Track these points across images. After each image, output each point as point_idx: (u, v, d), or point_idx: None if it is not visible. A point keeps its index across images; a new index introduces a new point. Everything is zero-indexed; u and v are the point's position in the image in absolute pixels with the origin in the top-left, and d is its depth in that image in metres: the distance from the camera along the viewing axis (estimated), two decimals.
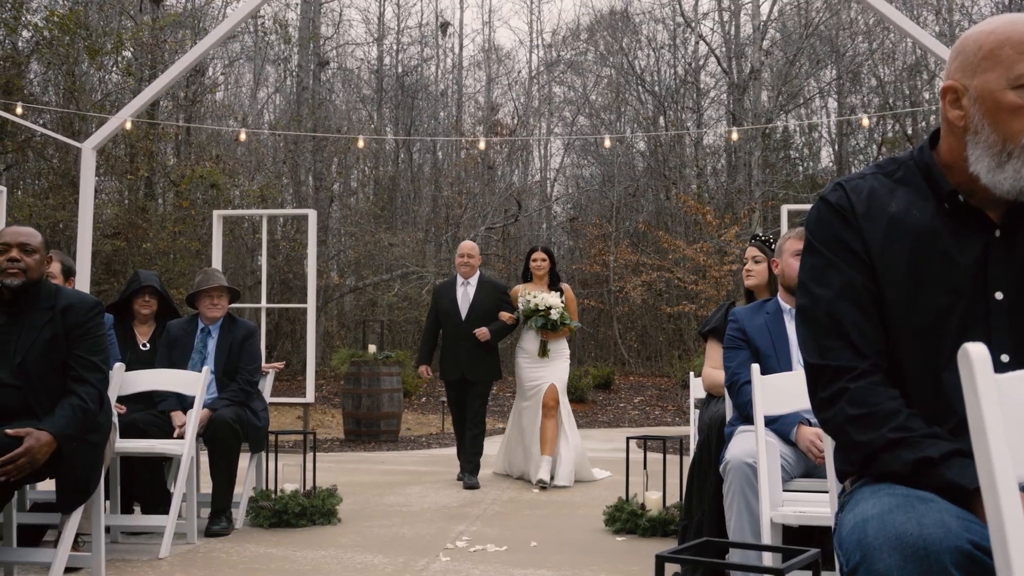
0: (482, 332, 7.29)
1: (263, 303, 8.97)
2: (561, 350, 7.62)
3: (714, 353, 4.42)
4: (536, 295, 7.40)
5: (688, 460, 4.45)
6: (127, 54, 18.91)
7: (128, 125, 8.78)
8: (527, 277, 7.74)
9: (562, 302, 7.45)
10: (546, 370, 7.48)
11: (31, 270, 3.79)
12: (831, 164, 24.28)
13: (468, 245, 7.70)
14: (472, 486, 7.16)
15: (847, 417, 1.72)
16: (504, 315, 7.43)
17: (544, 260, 7.60)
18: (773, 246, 4.34)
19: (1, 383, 3.65)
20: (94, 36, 17.56)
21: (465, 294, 7.50)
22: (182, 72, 8.73)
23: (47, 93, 18.95)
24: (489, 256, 20.71)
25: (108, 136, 8.75)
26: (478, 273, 7.61)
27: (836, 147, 23.92)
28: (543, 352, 7.48)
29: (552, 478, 7.24)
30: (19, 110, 9.21)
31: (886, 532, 1.49)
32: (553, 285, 7.59)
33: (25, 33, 17.25)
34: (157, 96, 9.09)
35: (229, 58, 22.83)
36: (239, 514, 5.49)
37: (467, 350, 7.33)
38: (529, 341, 7.58)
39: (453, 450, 8.36)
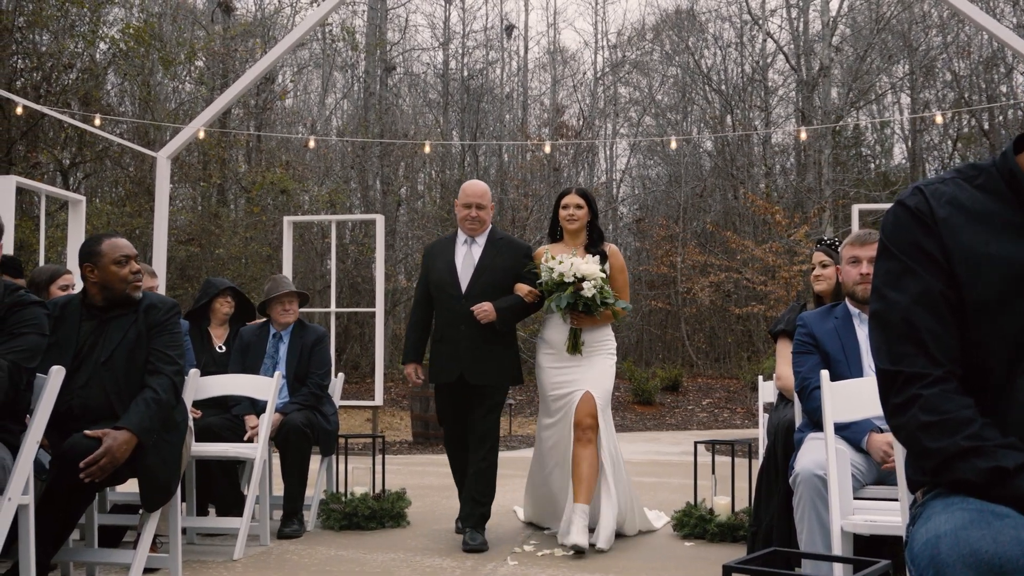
0: (483, 309, 4.97)
1: (332, 307, 9.09)
2: (601, 343, 5.18)
3: (786, 352, 4.35)
4: (563, 259, 4.98)
5: (757, 464, 4.40)
6: (199, 64, 19.36)
7: (201, 134, 8.99)
8: (556, 234, 5.38)
9: (604, 271, 5.06)
10: (578, 373, 5.09)
11: (144, 278, 3.97)
12: (904, 161, 23.80)
13: (476, 188, 5.28)
14: (477, 548, 4.86)
15: (920, 424, 1.69)
16: (522, 288, 5.12)
17: (580, 207, 5.21)
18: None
19: (86, 383, 3.77)
20: (168, 47, 18.00)
21: (468, 256, 5.21)
22: (253, 81, 8.92)
23: (123, 103, 19.49)
24: None
25: (182, 145, 8.97)
26: (489, 227, 5.32)
27: (909, 144, 23.43)
28: (574, 347, 5.07)
29: (591, 539, 4.88)
30: (97, 121, 9.49)
31: (960, 549, 1.46)
32: (593, 246, 5.22)
33: (102, 45, 17.77)
34: (229, 105, 9.29)
35: (298, 65, 23.22)
36: (310, 516, 5.58)
37: (468, 339, 5.05)
38: (553, 330, 5.17)
39: (521, 452, 6.52)
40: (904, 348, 1.74)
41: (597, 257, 5.08)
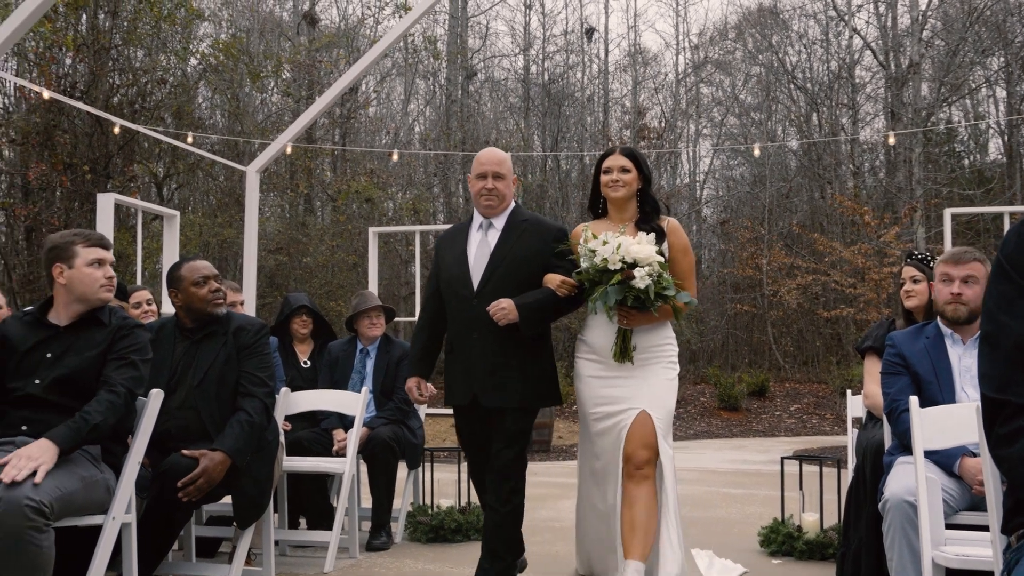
0: (500, 307, 3.87)
1: (417, 316, 9.23)
2: (659, 348, 4.01)
3: (874, 369, 4.27)
4: (609, 238, 3.80)
5: (846, 475, 4.32)
6: (286, 75, 19.82)
7: (288, 149, 9.21)
8: (599, 209, 4.22)
9: (663, 254, 3.88)
10: (630, 387, 3.93)
11: (226, 297, 4.15)
12: (1000, 156, 23.01)
13: (493, 156, 4.15)
14: None
15: None
16: (553, 279, 3.95)
17: (627, 171, 4.03)
18: (932, 264, 4.18)
19: (181, 405, 3.93)
20: (255, 60, 18.46)
21: (483, 243, 4.11)
22: (338, 94, 9.10)
23: (213, 116, 20.04)
24: None
25: (271, 159, 9.21)
26: (511, 207, 4.18)
27: (1006, 138, 22.63)
28: (623, 352, 3.90)
29: None
30: (190, 139, 9.79)
31: None
32: (646, 221, 4.04)
33: (193, 60, 18.33)
34: (315, 118, 9.50)
35: (381, 74, 23.56)
36: (398, 528, 5.67)
37: (482, 349, 3.99)
38: (596, 331, 4.02)
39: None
40: (1015, 376, 1.66)
41: (652, 235, 3.87)
